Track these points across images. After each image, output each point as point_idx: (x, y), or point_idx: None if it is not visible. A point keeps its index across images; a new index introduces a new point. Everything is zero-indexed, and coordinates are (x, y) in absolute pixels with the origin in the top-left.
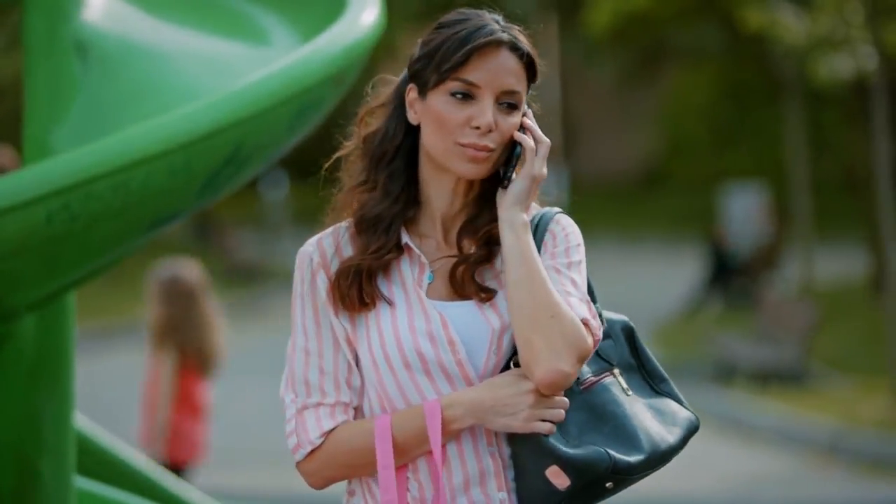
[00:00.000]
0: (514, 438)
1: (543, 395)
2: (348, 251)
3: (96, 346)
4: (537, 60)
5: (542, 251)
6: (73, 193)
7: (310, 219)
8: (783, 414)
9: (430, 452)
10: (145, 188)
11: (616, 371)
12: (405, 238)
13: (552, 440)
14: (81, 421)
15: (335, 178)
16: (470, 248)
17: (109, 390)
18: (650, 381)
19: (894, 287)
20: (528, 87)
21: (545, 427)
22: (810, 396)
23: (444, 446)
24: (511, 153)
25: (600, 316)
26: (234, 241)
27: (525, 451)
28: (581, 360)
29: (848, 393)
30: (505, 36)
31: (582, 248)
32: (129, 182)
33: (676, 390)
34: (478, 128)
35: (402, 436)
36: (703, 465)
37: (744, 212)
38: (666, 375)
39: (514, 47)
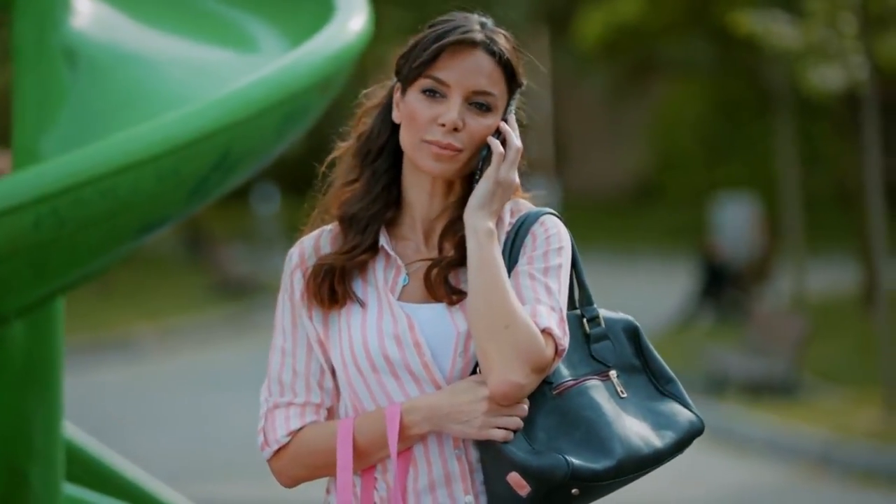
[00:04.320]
0: (479, 443)
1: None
2: (326, 250)
3: (88, 360)
4: (517, 65)
5: (521, 253)
6: (62, 199)
7: (301, 233)
8: (774, 425)
9: (397, 455)
10: (133, 194)
11: (612, 373)
12: (382, 240)
13: (511, 447)
14: (71, 430)
15: (328, 185)
16: (450, 250)
17: (101, 404)
18: (655, 383)
19: (885, 299)
20: (511, 91)
21: (500, 434)
22: (802, 408)
23: (408, 450)
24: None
25: (595, 319)
26: (226, 256)
27: (488, 457)
28: (537, 371)
29: (839, 404)
30: (479, 37)
31: (565, 251)
32: (117, 187)
33: (683, 392)
34: (443, 125)
35: (364, 439)
36: (694, 476)
37: (735, 224)
38: (673, 376)
39: (490, 49)
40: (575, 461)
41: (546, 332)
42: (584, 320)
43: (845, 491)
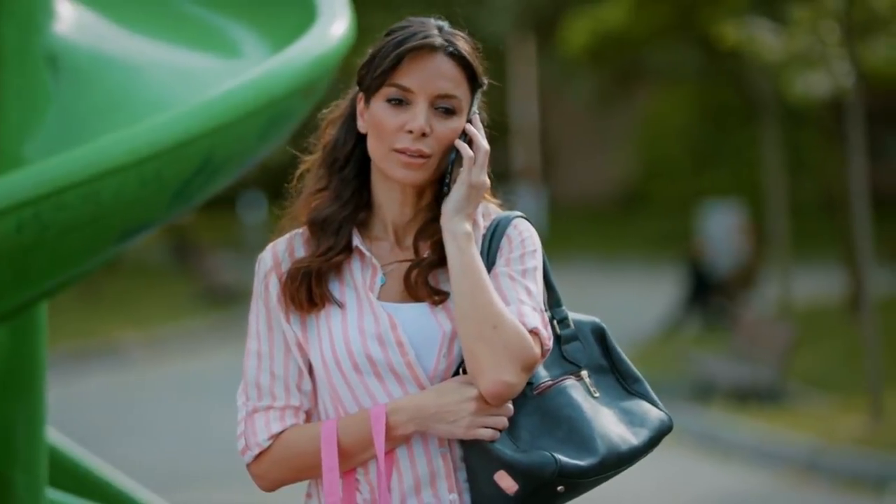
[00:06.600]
0: (464, 443)
1: (487, 402)
2: (301, 254)
3: (74, 367)
4: (477, 65)
5: (498, 256)
6: (44, 203)
7: (271, 240)
8: (761, 432)
9: None
10: (116, 198)
11: (583, 373)
12: (356, 241)
13: (498, 445)
14: (57, 437)
15: (297, 193)
16: (425, 251)
17: (87, 411)
18: (623, 382)
19: (871, 306)
20: (473, 93)
21: (487, 434)
22: (788, 414)
23: (392, 450)
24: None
25: (564, 321)
26: (213, 263)
27: (473, 456)
28: (527, 370)
29: (825, 411)
30: (438, 41)
31: (538, 254)
32: (100, 192)
33: (650, 391)
34: (411, 132)
35: (348, 440)
36: (681, 482)
37: (721, 231)
38: (640, 376)
39: (450, 52)
40: (562, 458)
41: (534, 332)
42: (555, 321)
43: (831, 496)
